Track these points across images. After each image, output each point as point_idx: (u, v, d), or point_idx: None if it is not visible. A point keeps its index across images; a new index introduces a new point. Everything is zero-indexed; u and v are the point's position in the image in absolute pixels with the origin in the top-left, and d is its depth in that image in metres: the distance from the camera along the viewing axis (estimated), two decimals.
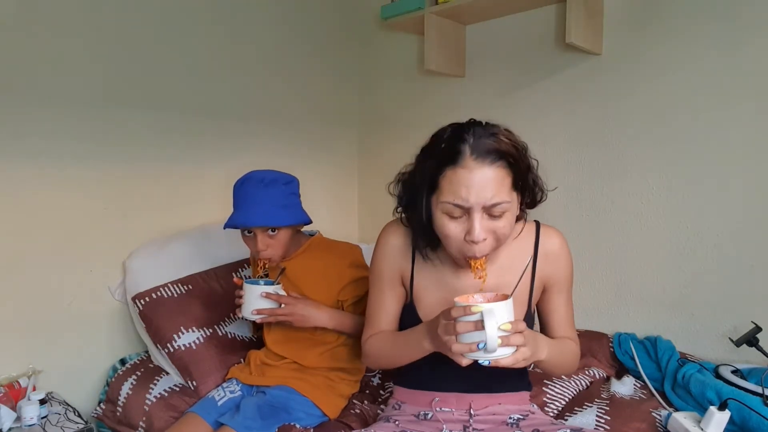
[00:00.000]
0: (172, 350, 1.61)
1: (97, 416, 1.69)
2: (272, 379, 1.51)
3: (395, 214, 1.19)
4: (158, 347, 1.66)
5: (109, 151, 1.79)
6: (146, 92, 1.88)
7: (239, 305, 1.42)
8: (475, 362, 0.95)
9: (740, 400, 1.29)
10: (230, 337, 1.72)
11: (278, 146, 2.28)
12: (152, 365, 1.73)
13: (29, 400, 1.53)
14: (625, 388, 1.54)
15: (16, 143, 1.61)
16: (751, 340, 1.51)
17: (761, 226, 1.61)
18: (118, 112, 1.81)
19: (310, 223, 1.51)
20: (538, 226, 1.20)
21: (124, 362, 1.81)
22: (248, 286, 1.40)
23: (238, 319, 1.75)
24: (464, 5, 1.96)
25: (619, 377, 1.62)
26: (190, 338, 1.63)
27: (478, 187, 0.97)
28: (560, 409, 1.46)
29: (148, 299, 1.69)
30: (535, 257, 1.17)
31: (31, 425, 1.49)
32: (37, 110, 1.64)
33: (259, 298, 1.39)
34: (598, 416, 1.38)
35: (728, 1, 1.62)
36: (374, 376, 1.71)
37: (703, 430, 1.23)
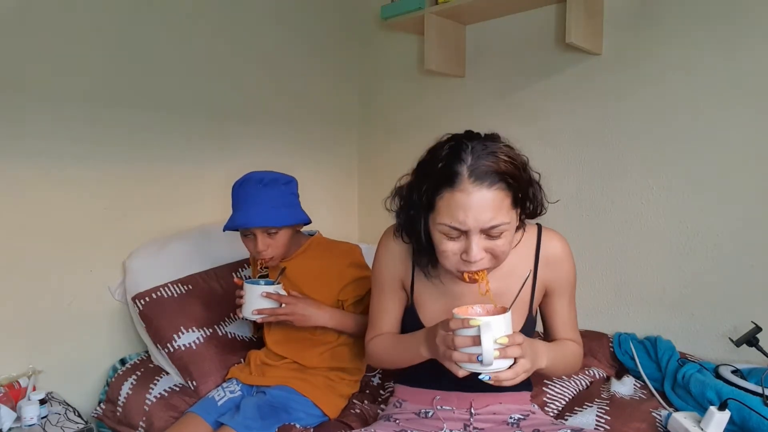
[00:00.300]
0: (172, 350, 1.62)
1: (97, 416, 1.69)
2: (272, 379, 1.51)
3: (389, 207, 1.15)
4: (158, 347, 1.66)
5: (109, 151, 1.80)
6: (146, 92, 1.88)
7: (240, 305, 1.42)
8: (472, 373, 0.94)
9: (740, 400, 1.29)
10: (230, 337, 1.72)
11: (278, 146, 2.28)
12: (152, 365, 1.73)
13: (29, 400, 1.53)
14: (625, 388, 1.54)
15: (16, 143, 1.61)
16: (751, 340, 1.51)
17: (761, 226, 1.61)
18: (118, 112, 1.81)
19: (309, 223, 1.51)
20: (539, 229, 1.18)
21: (124, 362, 1.81)
22: (249, 286, 1.40)
23: (238, 319, 1.75)
24: (464, 5, 1.96)
25: (619, 377, 1.62)
26: (190, 338, 1.63)
27: (476, 210, 0.94)
28: (560, 409, 1.46)
29: (148, 299, 1.70)
30: (536, 262, 1.16)
31: (31, 425, 1.49)
32: (37, 110, 1.64)
33: (259, 298, 1.39)
34: (598, 416, 1.38)
35: (728, 1, 1.62)
36: (374, 375, 1.71)
37: (703, 430, 1.23)
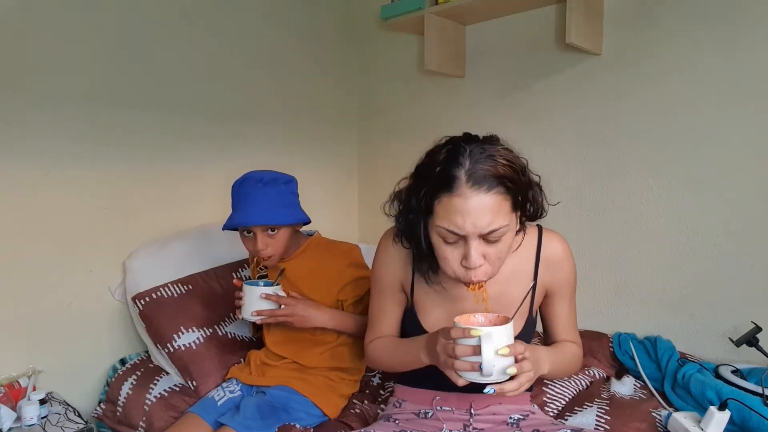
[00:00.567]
0: (172, 350, 1.62)
1: (97, 416, 1.69)
2: (272, 379, 1.51)
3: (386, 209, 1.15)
4: (158, 347, 1.66)
5: (109, 151, 1.80)
6: (146, 92, 1.88)
7: (239, 306, 1.42)
8: (476, 385, 0.94)
9: (740, 400, 1.29)
10: (230, 337, 1.72)
11: (278, 146, 2.28)
12: (152, 365, 1.73)
13: (29, 400, 1.53)
14: (625, 388, 1.54)
15: (16, 143, 1.61)
16: (751, 340, 1.51)
17: (761, 226, 1.61)
18: (118, 112, 1.81)
19: (309, 222, 1.51)
20: (540, 231, 1.18)
21: (124, 362, 1.81)
22: (248, 287, 1.40)
23: (238, 319, 1.75)
24: (464, 5, 1.96)
25: (619, 377, 1.62)
26: (190, 338, 1.63)
27: (474, 215, 0.93)
28: (560, 409, 1.46)
29: (148, 299, 1.70)
30: (536, 263, 1.16)
31: (31, 425, 1.49)
32: (37, 110, 1.64)
33: (258, 299, 1.38)
34: (598, 416, 1.38)
35: (728, 1, 1.62)
36: (374, 375, 1.71)
37: (703, 430, 1.23)
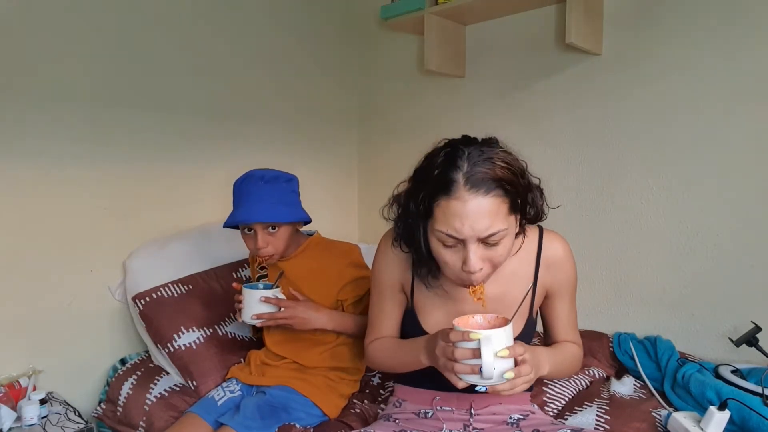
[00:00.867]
0: (172, 350, 1.62)
1: (97, 416, 1.69)
2: (272, 379, 1.51)
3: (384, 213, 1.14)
4: (158, 347, 1.67)
5: (109, 151, 1.80)
6: (146, 92, 1.88)
7: (239, 310, 1.42)
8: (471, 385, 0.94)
9: (740, 400, 1.29)
10: (230, 336, 1.72)
11: (278, 146, 2.28)
12: (152, 365, 1.73)
13: (29, 399, 1.53)
14: (625, 387, 1.54)
15: (16, 143, 1.61)
16: (750, 340, 1.51)
17: (761, 226, 1.61)
18: (118, 112, 1.81)
19: (310, 221, 1.51)
20: (540, 231, 1.18)
21: (124, 362, 1.81)
22: (247, 290, 1.39)
23: (238, 321, 1.75)
24: (464, 5, 1.96)
25: (618, 377, 1.62)
26: (190, 338, 1.63)
27: (472, 219, 0.93)
28: (560, 408, 1.46)
29: (148, 299, 1.70)
30: (537, 264, 1.16)
31: (31, 425, 1.49)
32: (37, 110, 1.64)
33: (258, 302, 1.38)
34: (598, 416, 1.38)
35: (728, 1, 1.62)
36: (374, 375, 1.71)
37: (703, 430, 1.23)
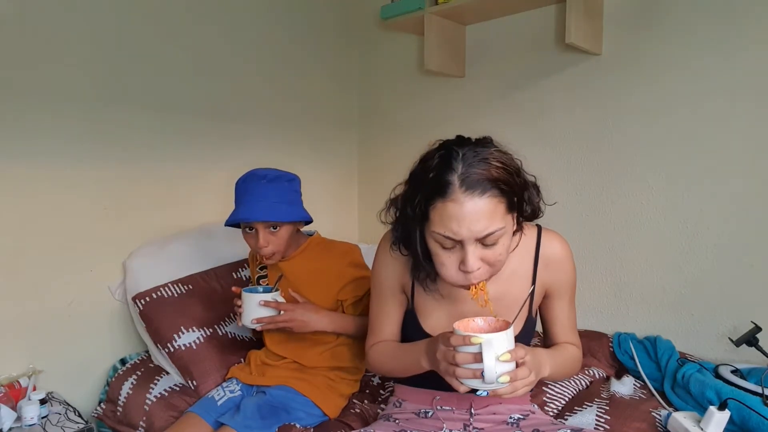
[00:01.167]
0: (172, 350, 1.62)
1: (97, 416, 1.69)
2: (272, 378, 1.51)
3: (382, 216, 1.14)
4: (158, 347, 1.66)
5: (109, 151, 1.80)
6: (147, 92, 1.88)
7: (239, 314, 1.41)
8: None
9: (740, 400, 1.29)
10: (230, 336, 1.72)
11: (278, 146, 2.28)
12: (152, 365, 1.73)
13: (29, 399, 1.53)
14: (624, 387, 1.54)
15: (16, 143, 1.61)
16: (750, 340, 1.51)
17: (761, 226, 1.61)
18: (118, 112, 1.81)
19: (311, 221, 1.51)
20: (539, 230, 1.17)
21: (124, 362, 1.81)
22: (246, 294, 1.39)
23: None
24: (464, 5, 1.96)
25: (618, 377, 1.62)
26: (190, 338, 1.63)
27: (469, 220, 0.93)
28: (560, 408, 1.46)
29: (148, 299, 1.70)
30: (536, 263, 1.15)
31: (31, 425, 1.49)
32: (37, 110, 1.64)
33: (257, 306, 1.37)
34: (598, 416, 1.38)
35: (728, 1, 1.62)
36: (374, 375, 1.71)
37: (703, 430, 1.23)
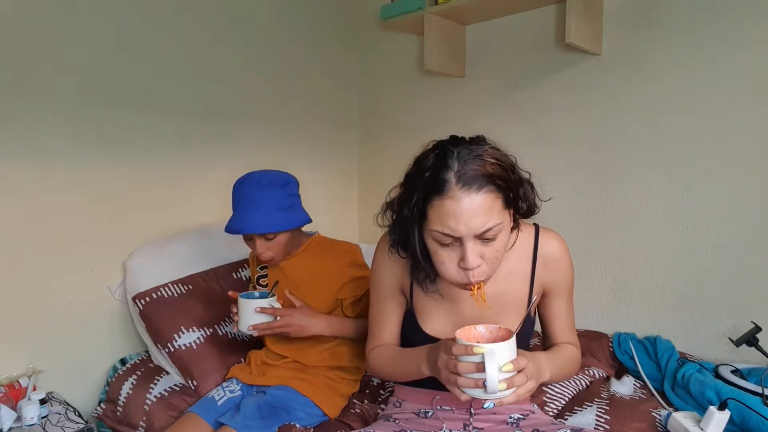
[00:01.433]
0: (172, 350, 1.62)
1: (97, 416, 1.70)
2: (272, 378, 1.51)
3: (378, 219, 1.14)
4: (158, 347, 1.67)
5: (109, 151, 1.80)
6: (146, 92, 1.88)
7: (235, 320, 1.40)
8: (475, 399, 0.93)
9: (740, 400, 1.29)
10: (230, 336, 1.72)
11: (278, 146, 2.28)
12: (152, 365, 1.73)
13: (29, 399, 1.53)
14: (624, 387, 1.54)
15: (16, 143, 1.61)
16: (750, 340, 1.51)
17: (761, 226, 1.61)
18: (118, 112, 1.81)
19: (309, 222, 1.51)
20: (537, 229, 1.17)
21: (124, 362, 1.82)
22: (243, 300, 1.38)
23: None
24: (464, 5, 1.96)
25: (618, 377, 1.62)
26: (190, 338, 1.63)
27: (467, 216, 0.93)
28: (560, 408, 1.46)
29: (148, 299, 1.70)
30: (534, 262, 1.15)
31: (31, 425, 1.49)
32: (36, 110, 1.64)
33: (254, 313, 1.37)
34: (597, 416, 1.38)
35: (728, 1, 1.62)
36: None
37: (703, 430, 1.23)
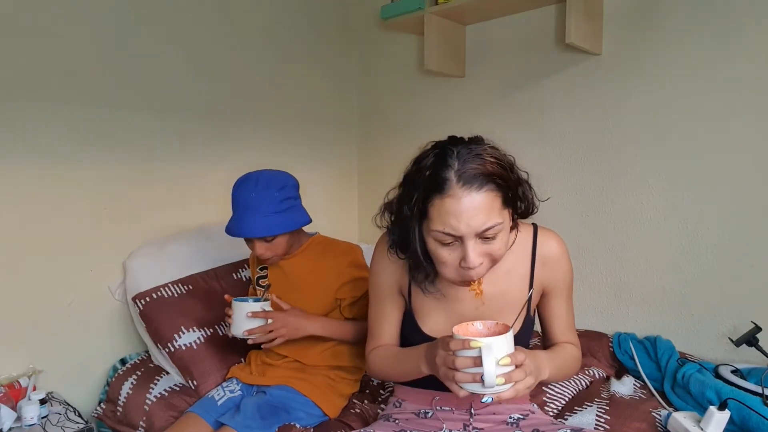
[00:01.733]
0: (172, 350, 1.62)
1: (97, 416, 1.70)
2: (272, 378, 1.51)
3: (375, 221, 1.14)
4: (158, 347, 1.67)
5: (109, 151, 1.80)
6: (146, 92, 1.88)
7: (228, 324, 1.42)
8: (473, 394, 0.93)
9: (740, 400, 1.29)
10: (230, 336, 1.71)
11: (278, 146, 2.28)
12: (152, 365, 1.73)
13: (29, 399, 1.53)
14: (624, 387, 1.54)
15: (16, 144, 1.61)
16: (750, 340, 1.51)
17: (761, 226, 1.61)
18: (118, 112, 1.81)
19: (309, 223, 1.51)
20: (535, 229, 1.17)
21: (124, 362, 1.82)
22: (237, 304, 1.39)
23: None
24: (464, 5, 1.96)
25: (618, 377, 1.62)
26: (190, 338, 1.63)
27: (467, 215, 0.93)
28: (560, 408, 1.46)
29: (148, 299, 1.70)
30: (533, 262, 1.15)
31: (31, 425, 1.49)
32: (37, 110, 1.64)
33: (246, 318, 1.38)
34: (597, 416, 1.38)
35: (728, 1, 1.62)
36: None
37: (703, 430, 1.23)
